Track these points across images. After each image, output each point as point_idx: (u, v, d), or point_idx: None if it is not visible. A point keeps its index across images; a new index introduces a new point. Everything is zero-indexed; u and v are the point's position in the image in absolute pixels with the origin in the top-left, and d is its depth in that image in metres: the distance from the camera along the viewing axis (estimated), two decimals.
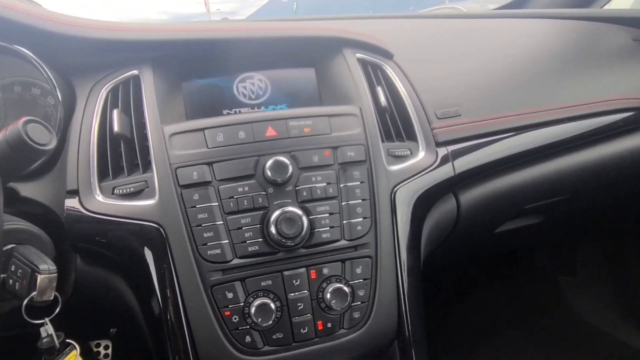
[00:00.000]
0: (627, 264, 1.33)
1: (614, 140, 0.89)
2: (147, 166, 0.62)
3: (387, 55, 0.80)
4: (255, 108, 0.74)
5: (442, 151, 0.74)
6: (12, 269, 0.47)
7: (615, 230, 1.29)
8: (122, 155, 0.63)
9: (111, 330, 0.95)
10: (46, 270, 0.46)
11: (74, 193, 0.61)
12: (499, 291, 1.49)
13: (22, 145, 0.45)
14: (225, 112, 0.73)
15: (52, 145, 0.48)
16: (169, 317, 0.58)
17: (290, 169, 0.61)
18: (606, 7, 1.27)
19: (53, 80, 0.64)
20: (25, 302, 0.45)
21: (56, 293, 0.48)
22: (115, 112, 0.64)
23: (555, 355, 1.32)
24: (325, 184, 0.63)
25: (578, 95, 0.86)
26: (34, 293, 0.45)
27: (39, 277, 0.45)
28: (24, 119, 0.47)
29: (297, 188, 0.62)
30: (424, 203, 0.71)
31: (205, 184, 0.60)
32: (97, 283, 0.64)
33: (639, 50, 0.97)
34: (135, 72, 0.67)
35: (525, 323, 1.43)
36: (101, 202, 0.60)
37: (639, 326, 1.30)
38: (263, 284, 0.59)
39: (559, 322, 1.40)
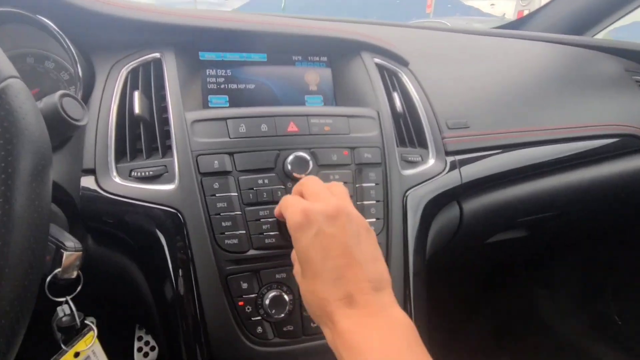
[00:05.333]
0: (596, 282, 1.40)
1: (604, 164, 0.94)
2: (166, 151, 0.62)
3: (403, 62, 0.82)
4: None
5: (450, 160, 0.77)
6: None
7: (590, 248, 1.37)
8: (141, 138, 0.62)
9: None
10: (72, 247, 0.45)
11: (90, 172, 0.59)
12: (475, 299, 1.54)
13: (57, 118, 0.44)
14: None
15: (85, 121, 0.47)
16: (182, 303, 0.58)
17: (311, 165, 0.62)
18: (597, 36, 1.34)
19: (75, 54, 0.63)
20: (48, 278, 0.44)
21: (79, 272, 0.47)
22: (136, 94, 0.63)
23: None
24: (342, 183, 0.64)
25: (575, 118, 0.91)
26: (58, 270, 0.44)
27: (65, 254, 0.44)
28: (60, 92, 0.46)
29: None
30: (432, 208, 0.73)
31: (226, 173, 0.60)
32: (107, 265, 0.63)
33: (629, 80, 1.04)
34: (157, 55, 0.66)
35: (497, 331, 1.49)
36: (118, 183, 0.59)
37: (603, 338, 1.38)
38: (277, 276, 0.60)
39: (529, 330, 1.47)
